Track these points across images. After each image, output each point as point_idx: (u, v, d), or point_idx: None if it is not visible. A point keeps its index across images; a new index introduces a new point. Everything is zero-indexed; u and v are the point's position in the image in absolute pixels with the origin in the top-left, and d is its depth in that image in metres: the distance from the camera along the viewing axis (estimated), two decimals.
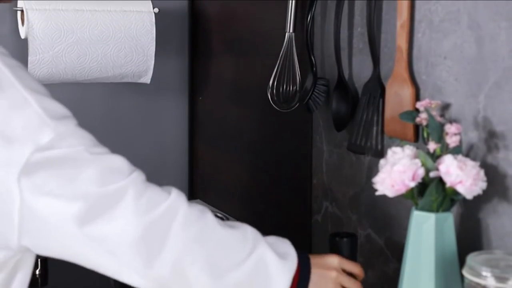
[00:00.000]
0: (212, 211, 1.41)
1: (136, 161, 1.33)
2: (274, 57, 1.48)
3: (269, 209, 1.61)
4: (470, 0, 1.07)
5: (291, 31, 1.43)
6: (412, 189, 1.03)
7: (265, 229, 1.64)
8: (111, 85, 1.83)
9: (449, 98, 1.11)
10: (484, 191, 1.01)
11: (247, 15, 1.66)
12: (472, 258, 0.96)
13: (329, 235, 1.12)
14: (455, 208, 1.09)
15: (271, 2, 1.55)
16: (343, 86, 1.31)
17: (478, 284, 0.93)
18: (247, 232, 1.00)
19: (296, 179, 1.50)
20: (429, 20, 1.14)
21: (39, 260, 1.43)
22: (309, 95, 1.39)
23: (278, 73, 1.46)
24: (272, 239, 1.03)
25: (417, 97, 1.17)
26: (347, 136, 1.32)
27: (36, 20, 1.62)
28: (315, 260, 1.02)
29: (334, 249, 1.10)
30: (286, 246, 1.02)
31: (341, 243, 1.10)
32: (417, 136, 1.17)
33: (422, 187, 1.03)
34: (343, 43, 1.34)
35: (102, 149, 0.93)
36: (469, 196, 1.00)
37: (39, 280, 1.44)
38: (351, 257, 1.10)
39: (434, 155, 1.04)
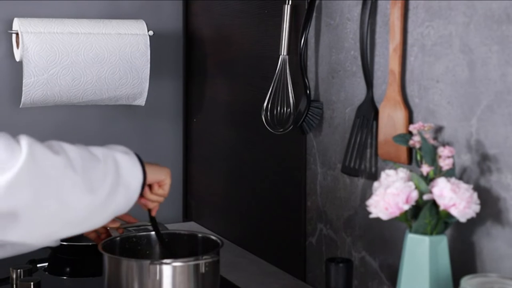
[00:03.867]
0: (206, 233, 1.41)
1: None
2: (268, 80, 1.48)
3: (263, 231, 1.61)
4: (462, 24, 1.08)
5: (285, 53, 1.44)
6: (406, 212, 1.03)
7: (259, 251, 1.64)
8: (106, 108, 1.83)
9: (442, 121, 1.12)
10: (478, 214, 1.02)
11: (242, 38, 1.67)
12: (466, 281, 0.96)
13: (325, 260, 1.12)
14: (449, 231, 1.10)
15: (265, 24, 1.56)
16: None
17: None
18: (98, 152, 1.15)
19: (290, 201, 1.50)
20: (422, 44, 1.15)
21: None
22: (303, 117, 1.39)
23: (272, 95, 1.46)
24: (112, 147, 1.20)
25: (410, 120, 1.18)
26: (341, 158, 1.32)
27: (31, 43, 1.63)
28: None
29: (330, 275, 1.10)
30: (122, 148, 1.21)
31: (337, 269, 1.10)
32: (411, 159, 1.17)
33: (416, 210, 1.03)
34: (336, 66, 1.34)
35: None
36: (462, 219, 1.00)
37: None
38: (347, 282, 1.10)
39: (427, 178, 1.04)
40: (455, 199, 0.99)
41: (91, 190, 1.08)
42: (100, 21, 1.71)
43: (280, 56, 1.44)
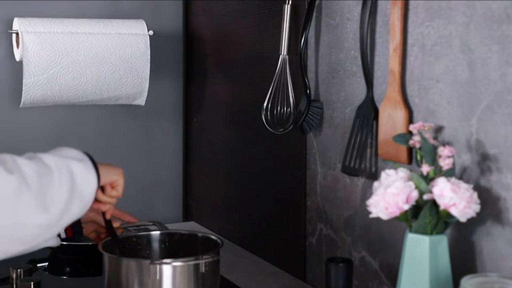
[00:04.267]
0: (206, 233, 1.41)
1: (131, 182, 1.33)
2: (268, 80, 1.48)
3: (263, 231, 1.61)
4: (462, 24, 1.08)
5: (285, 53, 1.44)
6: (406, 212, 1.03)
7: (259, 251, 1.64)
8: (106, 107, 1.83)
9: (442, 121, 1.12)
10: (478, 214, 1.02)
11: (242, 38, 1.67)
12: (466, 281, 0.96)
13: (325, 260, 1.12)
14: (449, 231, 1.10)
15: (265, 24, 1.56)
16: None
17: None
18: (51, 163, 1.12)
19: (290, 201, 1.50)
20: (422, 43, 1.15)
21: None
22: (303, 117, 1.39)
23: (272, 95, 1.47)
24: (64, 152, 1.17)
25: (410, 120, 1.18)
26: (341, 158, 1.32)
27: (31, 43, 1.63)
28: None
29: (330, 275, 1.10)
30: (76, 153, 1.18)
31: (337, 269, 1.10)
32: (411, 159, 1.17)
33: (416, 209, 1.03)
34: (336, 66, 1.34)
35: None
36: (462, 218, 1.00)
37: None
38: (347, 282, 1.10)
39: (427, 177, 1.04)
40: (455, 199, 0.99)
41: (45, 208, 1.06)
42: (100, 21, 1.71)
43: (280, 56, 1.44)
